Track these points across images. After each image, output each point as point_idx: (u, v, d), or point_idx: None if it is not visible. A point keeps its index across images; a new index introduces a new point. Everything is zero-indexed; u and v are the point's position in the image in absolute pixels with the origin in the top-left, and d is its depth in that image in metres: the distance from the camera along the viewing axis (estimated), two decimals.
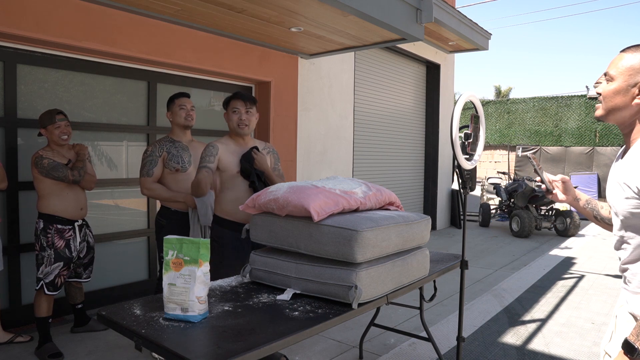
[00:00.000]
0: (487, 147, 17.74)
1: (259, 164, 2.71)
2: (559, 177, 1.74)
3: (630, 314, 1.42)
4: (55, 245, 3.04)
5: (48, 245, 3.03)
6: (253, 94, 5.23)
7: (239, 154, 2.74)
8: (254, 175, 2.69)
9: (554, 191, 1.75)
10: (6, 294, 3.46)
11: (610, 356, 1.51)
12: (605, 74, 1.45)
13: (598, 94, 1.46)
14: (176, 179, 3.11)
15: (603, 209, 1.67)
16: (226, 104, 2.85)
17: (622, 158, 1.45)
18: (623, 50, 1.42)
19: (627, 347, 1.29)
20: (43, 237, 3.04)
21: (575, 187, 1.81)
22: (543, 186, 1.76)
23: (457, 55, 9.47)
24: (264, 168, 2.72)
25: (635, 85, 1.37)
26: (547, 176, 1.76)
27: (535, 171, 1.77)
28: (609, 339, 1.53)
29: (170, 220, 3.09)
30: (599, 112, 1.46)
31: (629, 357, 1.29)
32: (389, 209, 2.33)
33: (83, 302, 3.49)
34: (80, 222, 3.21)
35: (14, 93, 3.43)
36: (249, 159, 2.70)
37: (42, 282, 3.03)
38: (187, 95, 3.27)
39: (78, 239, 3.18)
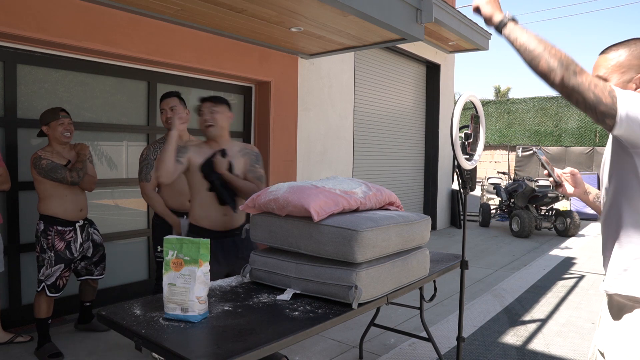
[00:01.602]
0: (487, 147, 17.74)
1: (216, 166, 2.53)
2: (569, 169, 1.73)
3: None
4: (56, 247, 3.03)
5: (48, 247, 3.02)
6: (253, 94, 5.23)
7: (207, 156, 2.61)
8: (214, 175, 2.53)
9: (562, 183, 1.73)
10: (6, 294, 3.46)
11: (601, 353, 1.52)
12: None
13: None
14: (172, 182, 3.05)
15: None
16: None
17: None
18: (603, 52, 1.41)
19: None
20: (43, 239, 3.02)
21: None
22: (551, 179, 1.73)
23: (457, 55, 9.48)
24: (221, 171, 2.52)
25: (630, 80, 1.36)
26: (556, 171, 1.74)
27: (542, 165, 1.75)
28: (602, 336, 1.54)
29: (164, 221, 3.06)
30: None
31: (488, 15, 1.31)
32: (389, 209, 2.33)
33: (92, 301, 3.49)
34: (81, 222, 3.20)
35: (14, 93, 3.43)
36: (210, 162, 2.55)
37: (43, 284, 3.02)
38: (171, 95, 3.06)
39: (79, 240, 3.16)
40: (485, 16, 1.32)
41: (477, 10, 1.36)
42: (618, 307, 1.39)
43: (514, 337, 3.59)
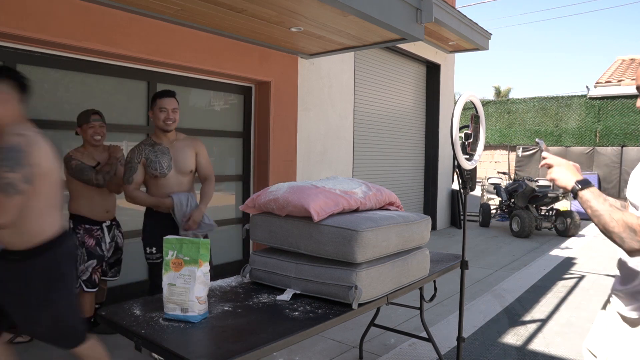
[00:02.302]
0: (487, 147, 17.73)
1: None
2: (571, 163, 1.71)
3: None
4: (86, 244, 3.06)
5: (79, 244, 3.05)
6: (253, 94, 5.23)
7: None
8: None
9: None
10: None
11: (594, 355, 1.52)
12: (638, 88, 1.45)
13: None
14: (157, 184, 2.99)
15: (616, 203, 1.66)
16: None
17: None
18: None
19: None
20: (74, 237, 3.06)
21: None
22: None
23: (457, 55, 9.47)
24: None
25: None
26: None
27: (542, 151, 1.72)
28: (599, 338, 1.53)
29: (153, 221, 3.03)
30: None
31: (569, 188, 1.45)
32: (389, 209, 2.33)
33: (102, 303, 3.49)
34: (108, 223, 3.20)
35: None
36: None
37: (79, 280, 3.05)
38: (172, 95, 3.01)
39: (107, 239, 3.18)
40: (561, 187, 1.48)
41: (552, 181, 1.52)
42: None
43: (514, 337, 3.58)
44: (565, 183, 1.46)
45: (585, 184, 1.41)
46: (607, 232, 1.31)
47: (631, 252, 1.28)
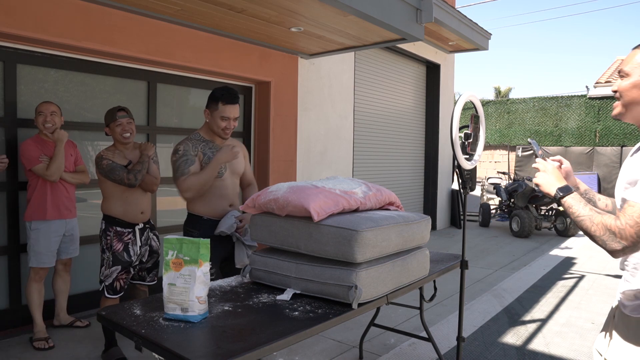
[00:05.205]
0: (487, 147, 17.74)
1: None
2: (558, 157, 1.71)
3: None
4: (114, 249, 2.93)
5: (107, 247, 2.94)
6: (253, 94, 5.23)
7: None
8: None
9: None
10: (6, 294, 3.46)
11: (600, 354, 1.51)
12: (619, 72, 1.44)
13: (614, 91, 1.46)
14: (213, 185, 2.63)
15: (600, 200, 1.66)
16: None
17: (636, 153, 1.43)
18: (636, 47, 1.42)
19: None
20: (103, 239, 2.96)
21: None
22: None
23: (457, 55, 9.47)
24: None
25: None
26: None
27: (536, 157, 1.72)
28: (607, 344, 1.53)
29: (203, 230, 2.63)
30: (616, 110, 1.45)
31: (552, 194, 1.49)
32: (389, 209, 2.33)
33: None
34: (141, 225, 3.04)
35: (14, 93, 3.43)
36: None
37: (103, 284, 2.95)
38: (237, 100, 2.66)
39: (138, 243, 3.02)
40: (544, 193, 1.54)
41: (537, 186, 1.57)
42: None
43: (514, 337, 3.59)
44: (548, 190, 1.50)
45: (566, 190, 1.45)
46: (590, 235, 1.34)
47: (613, 253, 1.30)
